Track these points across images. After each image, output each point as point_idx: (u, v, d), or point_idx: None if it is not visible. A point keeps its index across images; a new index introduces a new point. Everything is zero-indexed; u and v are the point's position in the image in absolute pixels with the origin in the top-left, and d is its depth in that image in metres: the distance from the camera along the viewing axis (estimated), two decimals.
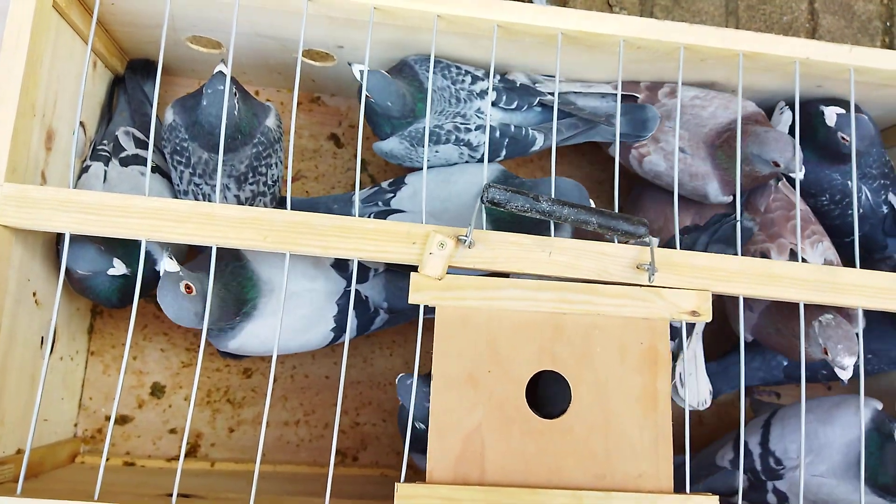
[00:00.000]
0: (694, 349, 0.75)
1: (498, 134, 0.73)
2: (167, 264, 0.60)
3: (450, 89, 0.72)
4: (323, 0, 0.65)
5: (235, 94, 0.65)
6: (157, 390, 0.81)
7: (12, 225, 0.59)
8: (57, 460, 0.73)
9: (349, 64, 0.68)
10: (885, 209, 0.81)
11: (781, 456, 0.71)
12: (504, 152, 0.75)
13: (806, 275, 0.66)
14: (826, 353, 0.67)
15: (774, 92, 0.79)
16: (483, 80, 0.73)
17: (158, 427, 0.81)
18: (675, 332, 0.69)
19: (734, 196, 0.77)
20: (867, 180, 0.80)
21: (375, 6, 0.66)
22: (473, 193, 0.73)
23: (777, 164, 0.71)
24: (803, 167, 0.72)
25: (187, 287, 0.60)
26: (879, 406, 0.71)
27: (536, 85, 0.76)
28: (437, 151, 0.72)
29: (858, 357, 0.68)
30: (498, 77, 0.75)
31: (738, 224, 0.69)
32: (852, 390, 0.76)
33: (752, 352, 0.80)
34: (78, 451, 0.78)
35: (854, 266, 0.68)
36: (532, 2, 0.99)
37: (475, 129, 0.73)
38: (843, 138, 0.74)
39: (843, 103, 0.75)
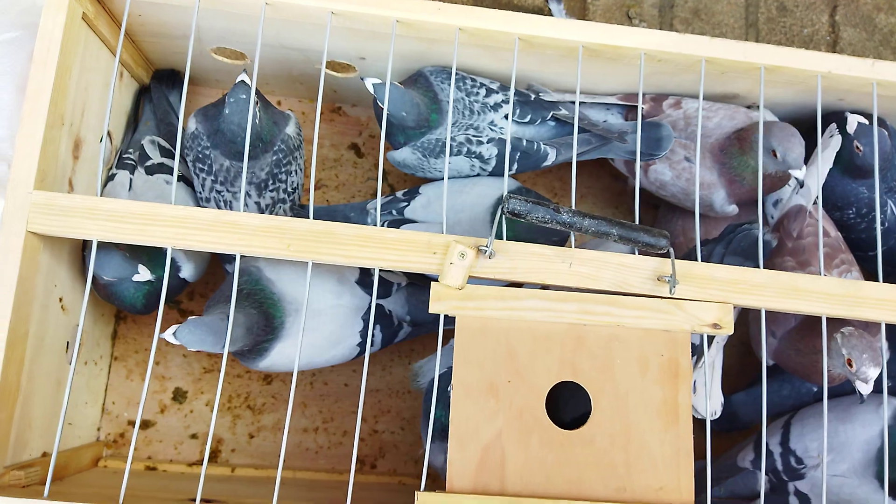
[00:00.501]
0: (713, 359, 0.75)
1: (510, 147, 0.74)
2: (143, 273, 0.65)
3: (464, 101, 0.72)
4: (346, 13, 0.66)
5: (257, 103, 0.66)
6: (178, 395, 0.82)
7: (41, 232, 0.61)
8: (80, 464, 0.74)
9: (361, 79, 0.69)
10: None
11: (802, 455, 0.71)
12: (516, 166, 0.75)
13: (830, 288, 0.66)
14: (850, 365, 0.66)
15: (796, 105, 0.78)
16: (497, 92, 0.73)
17: (180, 432, 0.81)
18: (695, 348, 0.69)
19: (738, 206, 0.77)
20: (892, 194, 0.79)
21: (398, 19, 0.66)
22: (486, 205, 0.73)
23: (774, 154, 0.70)
24: (804, 167, 0.71)
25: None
26: None
27: (541, 95, 0.76)
28: (448, 163, 0.73)
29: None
30: (514, 91, 0.75)
31: (760, 235, 0.68)
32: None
33: (781, 379, 0.79)
34: (101, 455, 0.79)
35: (877, 280, 0.68)
36: (551, 13, 1.00)
37: (487, 142, 0.73)
38: (858, 148, 0.74)
39: (869, 117, 0.75)
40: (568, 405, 0.67)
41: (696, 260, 0.66)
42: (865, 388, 0.65)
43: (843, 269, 0.72)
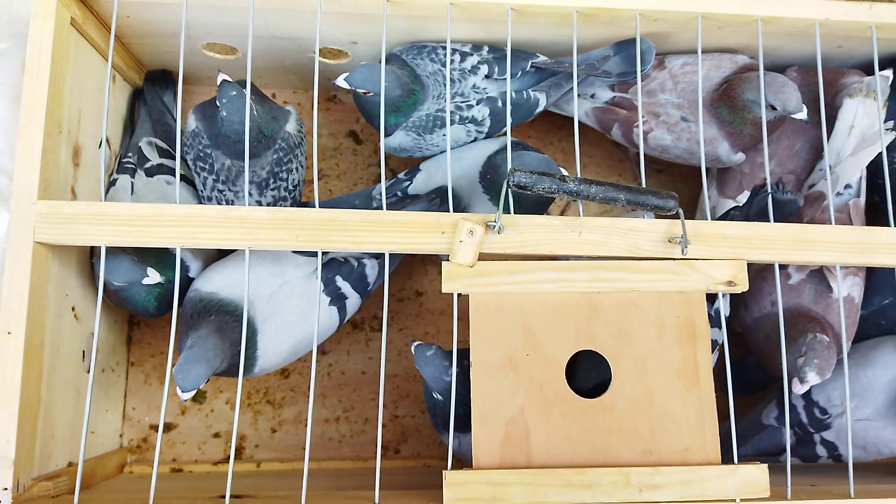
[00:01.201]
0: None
1: (500, 104, 0.73)
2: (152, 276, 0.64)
3: (441, 72, 0.71)
4: None
5: (252, 97, 0.66)
6: (198, 396, 0.82)
7: (48, 241, 0.60)
8: (106, 471, 0.74)
9: (333, 83, 0.68)
10: None
11: (826, 405, 0.71)
12: (511, 120, 0.73)
13: (841, 237, 0.65)
14: (801, 357, 0.65)
15: (794, 55, 0.77)
16: (471, 54, 0.72)
17: (202, 432, 0.82)
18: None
19: (745, 153, 0.75)
20: None
21: None
22: (478, 167, 0.73)
23: (774, 108, 0.69)
24: (804, 107, 0.69)
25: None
26: None
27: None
28: (444, 135, 0.72)
29: None
30: (486, 49, 0.73)
31: (769, 197, 0.67)
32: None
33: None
34: (125, 461, 0.80)
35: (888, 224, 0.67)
36: None
37: (477, 105, 0.72)
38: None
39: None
40: (588, 373, 0.67)
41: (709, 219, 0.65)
42: (797, 387, 0.64)
43: (848, 271, 0.71)
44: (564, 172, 0.66)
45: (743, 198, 0.77)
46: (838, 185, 0.73)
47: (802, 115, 0.69)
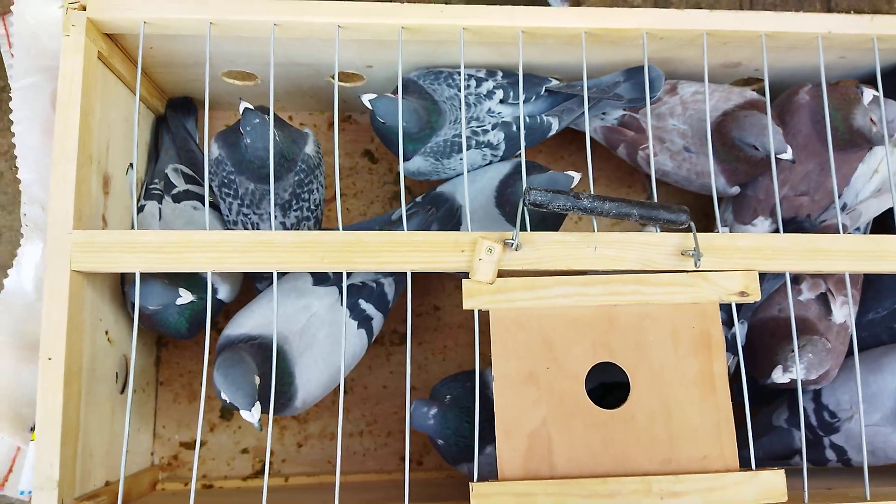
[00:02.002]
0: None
1: (515, 128, 0.75)
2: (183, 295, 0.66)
3: (457, 97, 0.73)
4: (353, 25, 0.68)
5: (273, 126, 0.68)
6: (226, 413, 0.85)
7: (84, 269, 0.63)
8: (140, 489, 0.77)
9: (359, 97, 0.70)
10: None
11: (835, 409, 0.72)
12: (524, 143, 0.75)
13: (850, 246, 0.67)
14: (797, 351, 0.67)
15: (798, 68, 0.79)
16: (486, 80, 0.74)
17: (231, 448, 0.84)
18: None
19: (740, 185, 0.78)
20: None
21: (403, 25, 0.68)
22: (493, 187, 0.75)
23: (756, 148, 0.71)
24: (787, 147, 0.70)
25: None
26: None
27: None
28: (460, 159, 0.74)
29: None
30: (500, 74, 0.76)
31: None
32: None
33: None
34: (157, 479, 0.82)
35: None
36: (549, 4, 1.01)
37: (492, 129, 0.74)
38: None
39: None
40: (603, 380, 0.69)
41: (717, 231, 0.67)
42: (778, 374, 0.67)
43: (844, 301, 0.73)
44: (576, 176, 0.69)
45: (759, 223, 0.79)
46: (859, 222, 0.75)
47: (787, 155, 0.70)
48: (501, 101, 0.74)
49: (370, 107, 0.69)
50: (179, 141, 0.80)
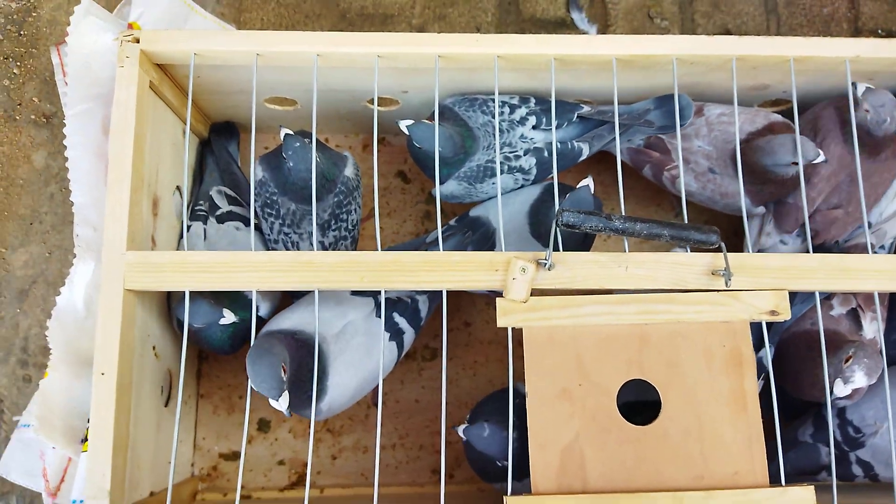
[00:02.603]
0: None
1: (546, 154, 0.77)
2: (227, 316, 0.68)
3: (491, 123, 0.75)
4: (391, 54, 0.70)
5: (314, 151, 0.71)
6: (263, 426, 0.87)
7: (136, 288, 0.66)
8: (182, 499, 0.79)
9: (395, 121, 0.73)
10: None
11: (860, 424, 0.73)
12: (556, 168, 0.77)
13: (879, 265, 0.68)
14: (848, 359, 0.67)
15: (827, 90, 0.80)
16: (519, 106, 0.77)
17: (268, 460, 0.86)
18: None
19: (765, 204, 0.79)
20: None
21: (440, 54, 0.71)
22: (524, 211, 0.77)
23: (795, 164, 0.72)
24: (819, 152, 0.72)
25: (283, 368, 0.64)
26: None
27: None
28: (493, 183, 0.76)
29: None
30: (533, 100, 0.78)
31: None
32: None
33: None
34: (197, 489, 0.85)
35: None
36: (574, 22, 1.04)
37: (524, 155, 0.77)
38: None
39: None
40: (634, 398, 0.70)
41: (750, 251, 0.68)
42: (841, 388, 0.67)
43: (874, 317, 0.73)
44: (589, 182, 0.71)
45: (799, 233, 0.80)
46: (885, 239, 0.76)
47: (821, 158, 0.72)
48: (534, 128, 0.76)
49: (407, 132, 0.72)
50: (223, 164, 0.84)
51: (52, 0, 0.97)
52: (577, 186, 0.74)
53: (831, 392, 0.70)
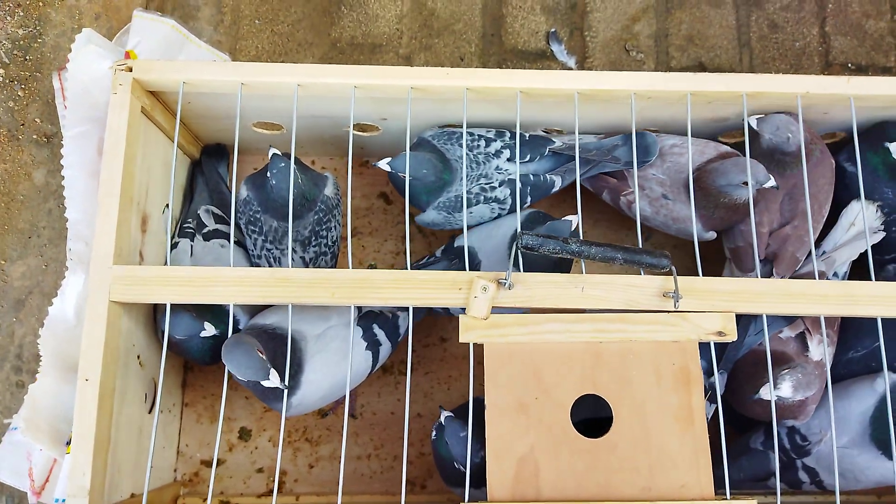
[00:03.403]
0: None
1: (520, 185, 0.81)
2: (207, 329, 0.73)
3: (468, 156, 0.80)
4: (367, 85, 0.75)
5: (296, 173, 0.75)
6: (244, 434, 0.91)
7: (121, 300, 0.70)
8: (164, 502, 0.83)
9: (373, 164, 0.77)
10: None
11: (806, 432, 0.77)
12: (529, 199, 0.83)
13: (825, 290, 0.72)
14: (786, 370, 0.71)
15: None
16: (495, 140, 0.81)
17: (247, 467, 0.90)
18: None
19: (717, 231, 0.83)
20: None
21: (412, 86, 0.75)
22: (507, 243, 0.81)
23: (746, 184, 0.76)
24: (770, 177, 0.76)
25: (260, 350, 0.69)
26: None
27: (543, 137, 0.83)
28: (471, 212, 0.81)
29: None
30: (508, 134, 0.82)
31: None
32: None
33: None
34: (178, 494, 0.88)
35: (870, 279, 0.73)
36: (554, 54, 1.08)
37: (499, 186, 0.81)
38: None
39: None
40: (591, 414, 0.74)
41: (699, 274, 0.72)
42: (765, 391, 0.71)
43: (821, 340, 0.77)
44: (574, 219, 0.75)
45: (760, 267, 0.83)
46: (834, 267, 0.80)
47: (771, 183, 0.77)
48: (508, 160, 0.81)
49: (388, 169, 0.77)
50: (212, 184, 0.88)
51: (56, 27, 1.03)
52: (562, 219, 0.78)
53: (757, 392, 0.73)
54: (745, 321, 0.78)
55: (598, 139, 0.85)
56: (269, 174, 0.76)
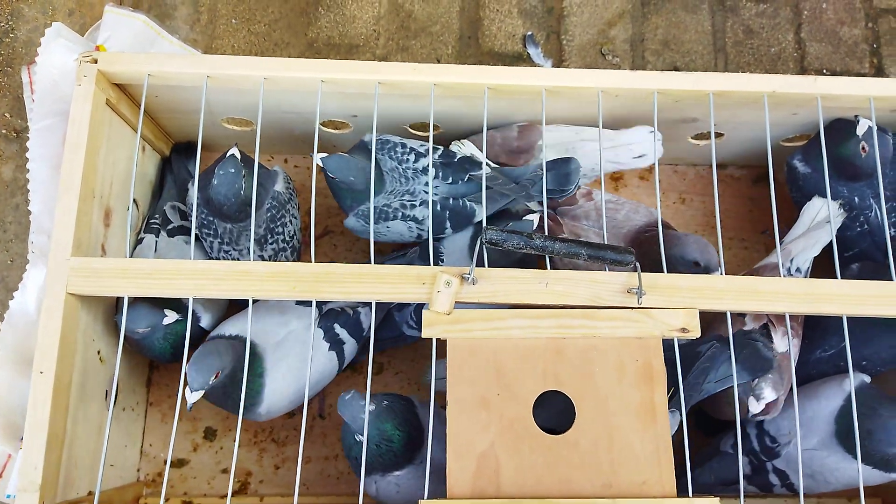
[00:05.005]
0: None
1: (439, 208, 0.78)
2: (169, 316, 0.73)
3: (398, 169, 0.78)
4: (334, 80, 0.75)
5: (243, 175, 0.73)
6: (209, 434, 0.90)
7: (79, 293, 0.69)
8: (124, 502, 0.82)
9: (310, 155, 0.76)
10: (893, 231, 0.83)
11: (775, 434, 0.76)
12: (448, 224, 0.79)
13: (789, 288, 0.71)
14: (755, 380, 0.72)
15: (750, 121, 0.85)
16: (425, 156, 0.78)
17: (212, 468, 0.89)
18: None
19: None
20: (877, 200, 0.82)
21: (380, 81, 0.75)
22: (467, 244, 0.80)
23: (698, 264, 0.77)
24: (719, 267, 0.77)
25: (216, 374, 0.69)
26: (868, 379, 0.76)
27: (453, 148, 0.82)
28: (388, 227, 0.79)
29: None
30: (439, 151, 0.79)
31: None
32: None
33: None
34: (141, 494, 0.87)
35: (835, 276, 0.73)
36: (530, 57, 1.09)
37: (420, 205, 0.78)
38: (864, 148, 0.78)
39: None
40: (553, 411, 0.73)
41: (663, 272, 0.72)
42: (755, 405, 0.72)
43: (785, 332, 0.76)
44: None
45: None
46: (790, 258, 0.80)
47: (717, 273, 0.77)
48: (435, 178, 0.78)
49: (321, 164, 0.75)
50: (180, 181, 0.88)
51: (29, 22, 1.03)
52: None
53: (748, 411, 0.73)
54: (703, 368, 0.74)
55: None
56: (215, 172, 0.74)
